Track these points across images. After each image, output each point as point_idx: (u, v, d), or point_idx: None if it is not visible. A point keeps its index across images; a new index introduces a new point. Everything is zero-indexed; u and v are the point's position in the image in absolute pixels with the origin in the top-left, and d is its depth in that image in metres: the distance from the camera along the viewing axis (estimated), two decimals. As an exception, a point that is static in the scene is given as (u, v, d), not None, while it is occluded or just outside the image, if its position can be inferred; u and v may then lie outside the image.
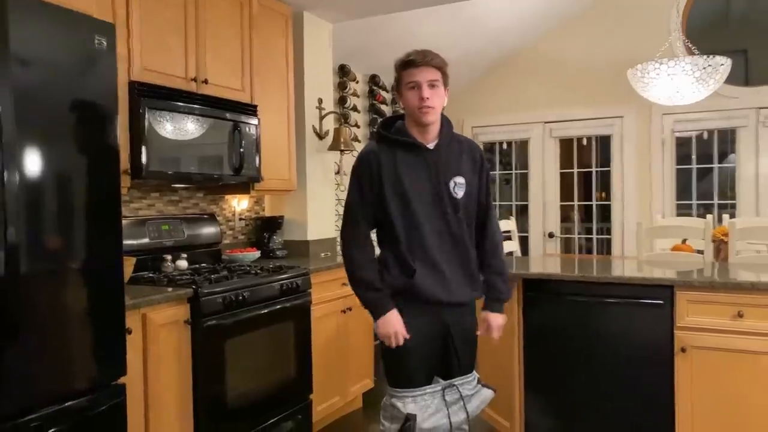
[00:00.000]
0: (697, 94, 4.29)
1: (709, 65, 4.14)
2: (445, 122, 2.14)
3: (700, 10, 5.69)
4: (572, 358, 2.74)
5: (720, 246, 4.25)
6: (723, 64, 4.16)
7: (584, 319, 2.72)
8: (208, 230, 3.30)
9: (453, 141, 2.14)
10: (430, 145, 2.09)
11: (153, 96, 2.63)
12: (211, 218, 3.35)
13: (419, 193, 2.05)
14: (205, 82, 2.93)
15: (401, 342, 2.02)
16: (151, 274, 2.81)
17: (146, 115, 2.58)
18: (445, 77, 2.07)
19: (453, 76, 2.17)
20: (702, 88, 4.24)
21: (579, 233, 6.23)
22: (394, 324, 2.02)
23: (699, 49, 4.56)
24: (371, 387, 3.78)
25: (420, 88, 2.02)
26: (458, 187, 2.09)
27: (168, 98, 2.70)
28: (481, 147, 6.45)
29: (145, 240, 2.94)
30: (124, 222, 2.81)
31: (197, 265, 3.09)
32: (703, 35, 5.59)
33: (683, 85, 4.21)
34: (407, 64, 2.05)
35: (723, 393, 2.46)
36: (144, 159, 2.59)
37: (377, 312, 2.04)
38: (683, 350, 2.51)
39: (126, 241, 2.80)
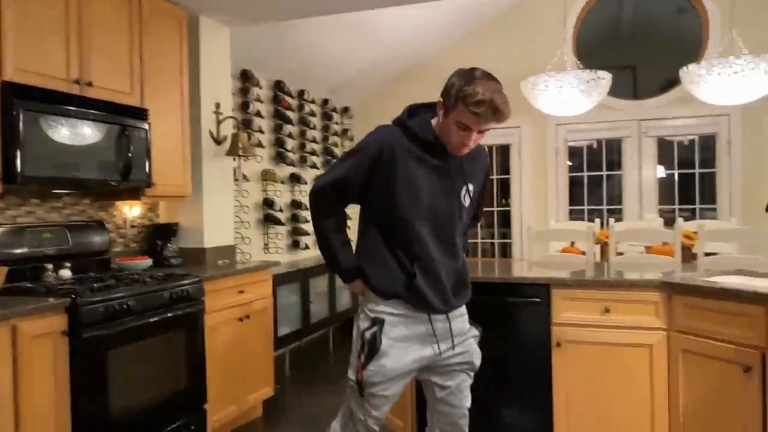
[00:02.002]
0: (583, 105, 4.59)
1: (593, 79, 4.45)
2: None
3: (593, 27, 6.10)
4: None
5: (604, 248, 4.57)
6: (604, 78, 4.47)
7: (477, 316, 2.83)
8: (96, 238, 3.17)
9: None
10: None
11: (28, 98, 2.51)
12: (99, 225, 3.23)
13: (431, 197, 1.91)
14: (90, 84, 2.82)
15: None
16: (29, 285, 2.68)
17: (20, 117, 2.47)
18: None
19: (360, 83, 2.14)
20: (587, 100, 4.55)
21: (483, 238, 6.48)
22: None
23: (591, 64, 4.87)
24: (271, 395, 3.75)
25: (470, 133, 1.83)
26: (467, 194, 1.99)
27: (46, 100, 2.58)
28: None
29: (23, 249, 2.79)
30: (-3, 230, 2.67)
31: (83, 275, 2.97)
32: (596, 51, 5.99)
33: (570, 97, 4.49)
34: (480, 115, 1.77)
35: (593, 382, 2.64)
36: (18, 163, 2.47)
37: (348, 276, 2.00)
38: (558, 344, 2.67)
39: (1, 250, 2.67)
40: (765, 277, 2.61)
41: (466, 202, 1.99)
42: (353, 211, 2.03)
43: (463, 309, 2.09)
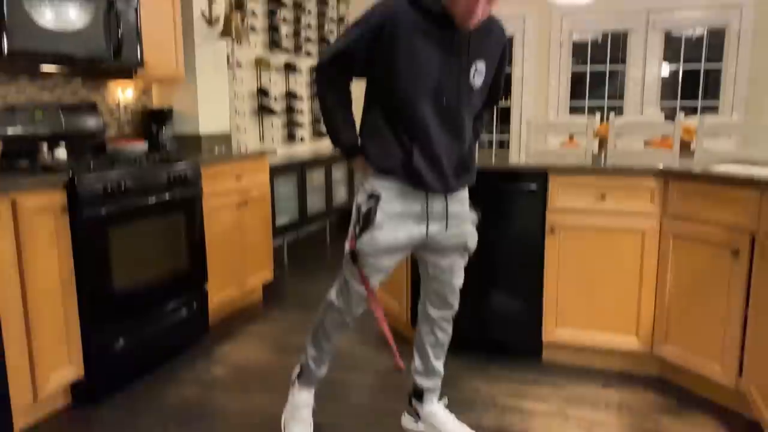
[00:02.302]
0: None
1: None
2: None
3: None
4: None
5: (602, 142, 4.53)
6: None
7: (473, 204, 2.85)
8: (89, 120, 3.12)
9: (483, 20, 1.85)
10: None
11: (9, -36, 2.37)
12: (92, 107, 3.16)
13: (436, 73, 1.83)
14: (72, -48, 2.66)
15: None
16: (25, 163, 2.66)
17: (2, -14, 2.34)
18: None
19: None
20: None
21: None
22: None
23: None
24: (270, 279, 3.86)
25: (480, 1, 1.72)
26: (478, 74, 1.89)
27: (27, -32, 2.44)
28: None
29: (16, 128, 2.75)
30: (-13, 106, 2.61)
31: (78, 156, 2.94)
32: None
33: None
34: None
35: (583, 268, 2.71)
36: (3, 35, 2.37)
37: (351, 151, 1.97)
38: (552, 231, 2.72)
39: (-7, 129, 2.63)
40: (761, 165, 2.62)
41: (477, 81, 1.90)
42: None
43: (464, 193, 2.08)
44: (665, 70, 5.79)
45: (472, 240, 2.10)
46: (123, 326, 2.62)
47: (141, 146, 3.28)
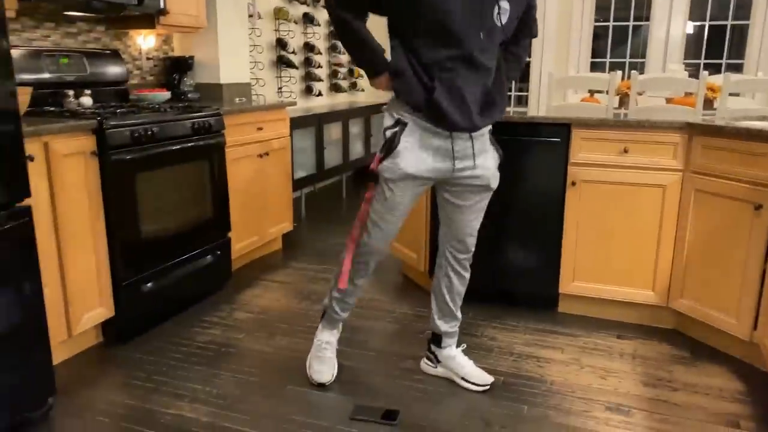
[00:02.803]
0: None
1: None
2: None
3: None
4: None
5: (624, 99, 4.49)
6: None
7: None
8: (113, 68, 3.14)
9: None
10: None
11: None
12: (115, 54, 3.17)
13: (457, 9, 1.79)
14: None
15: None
16: (53, 108, 2.69)
17: (28, -73, 2.33)
18: None
19: None
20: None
21: (498, 91, 6.35)
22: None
23: None
24: (290, 229, 3.92)
25: None
26: (503, 12, 1.86)
27: None
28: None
29: (44, 74, 2.78)
30: (15, 52, 2.64)
31: (103, 103, 2.97)
32: None
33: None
34: None
35: (603, 221, 2.73)
36: (30, -22, 2.38)
37: (374, 68, 1.94)
38: (573, 184, 2.73)
39: (21, 75, 2.65)
40: (788, 122, 2.60)
41: (502, 20, 1.86)
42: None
43: (488, 128, 2.06)
44: (690, 27, 5.66)
45: (495, 180, 2.11)
46: (151, 269, 2.69)
47: (164, 95, 3.30)
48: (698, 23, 5.69)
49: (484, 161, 2.05)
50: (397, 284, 3.31)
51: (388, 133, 1.96)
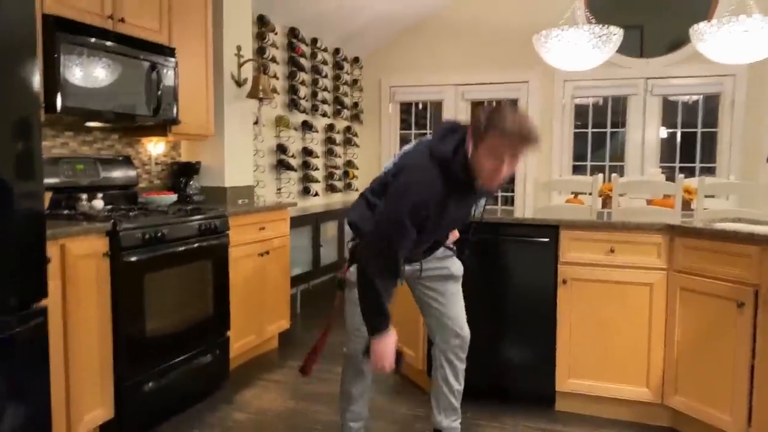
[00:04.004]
0: (593, 60, 4.67)
1: (604, 34, 4.52)
2: None
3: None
4: (472, 290, 3.03)
5: (606, 200, 4.72)
6: (616, 34, 4.54)
7: (486, 255, 3.00)
8: (124, 172, 3.31)
9: None
10: None
11: (67, 30, 2.60)
12: (127, 160, 3.36)
13: (454, 217, 2.14)
14: (122, 20, 2.91)
15: (387, 370, 2.03)
16: (67, 211, 2.82)
17: (60, 49, 2.56)
18: None
19: (372, 33, 2.28)
20: (597, 56, 4.62)
21: (486, 191, 6.61)
22: (391, 347, 2.01)
23: (600, 22, 4.93)
24: (287, 327, 3.96)
25: (501, 164, 1.87)
26: (477, 207, 2.28)
27: (83, 33, 2.68)
28: (398, 107, 6.66)
29: (60, 179, 2.93)
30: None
31: (113, 206, 3.11)
32: (606, 11, 6.01)
33: (581, 51, 4.57)
34: (520, 140, 1.83)
35: (595, 318, 2.83)
36: (58, 93, 2.58)
37: (380, 332, 2.00)
38: (564, 282, 2.86)
39: (39, 179, 2.80)
40: (762, 224, 2.78)
41: (477, 208, 2.28)
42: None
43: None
44: (663, 133, 6.04)
45: (456, 267, 2.35)
46: (152, 369, 2.71)
47: (170, 197, 3.45)
48: (671, 130, 6.08)
49: (439, 259, 2.33)
50: (395, 383, 3.32)
51: (350, 244, 2.21)
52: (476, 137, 1.88)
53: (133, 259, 2.59)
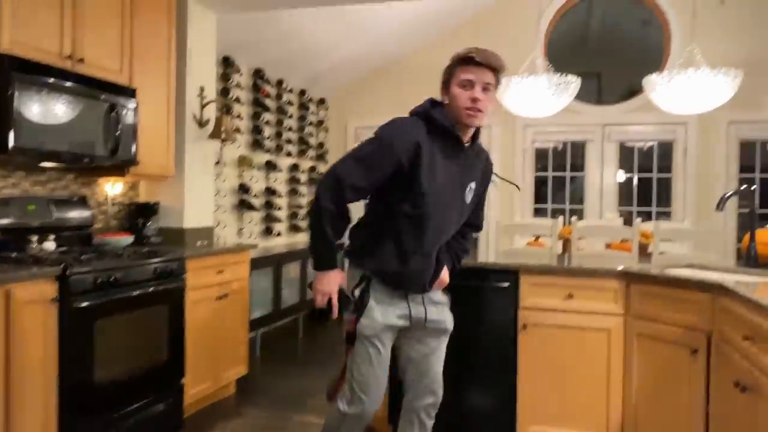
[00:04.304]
0: (552, 107, 4.82)
1: (562, 82, 4.67)
2: (478, 128, 2.11)
3: (562, 35, 6.35)
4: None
5: (566, 243, 4.80)
6: (573, 83, 4.70)
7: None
8: (79, 213, 3.22)
9: (476, 146, 2.15)
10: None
11: (23, 70, 2.56)
12: (82, 201, 3.27)
13: (444, 189, 2.01)
14: (81, 61, 2.88)
15: (325, 304, 1.99)
16: (14, 254, 2.72)
17: (15, 88, 2.51)
18: (498, 83, 2.00)
19: (338, 75, 2.27)
20: (556, 103, 4.77)
21: (450, 232, 6.66)
22: (333, 283, 1.99)
23: (559, 70, 5.10)
24: (245, 373, 3.85)
25: (473, 88, 1.95)
26: (470, 192, 2.12)
27: (39, 73, 2.63)
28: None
29: (9, 220, 2.83)
30: (-15, 199, 2.70)
31: (66, 248, 3.02)
32: (563, 58, 6.24)
33: (541, 98, 4.71)
34: (466, 60, 1.95)
35: (555, 364, 2.83)
36: (11, 134, 2.51)
37: (324, 263, 1.99)
38: (524, 327, 2.86)
39: (-14, 220, 2.71)
40: (712, 270, 2.85)
41: (468, 199, 2.13)
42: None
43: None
44: (621, 176, 6.23)
45: (450, 323, 2.28)
46: (100, 420, 2.59)
47: (127, 239, 3.37)
48: (628, 174, 6.27)
49: (439, 307, 2.23)
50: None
51: (357, 291, 2.05)
52: (446, 85, 2.01)
53: (84, 304, 2.50)
